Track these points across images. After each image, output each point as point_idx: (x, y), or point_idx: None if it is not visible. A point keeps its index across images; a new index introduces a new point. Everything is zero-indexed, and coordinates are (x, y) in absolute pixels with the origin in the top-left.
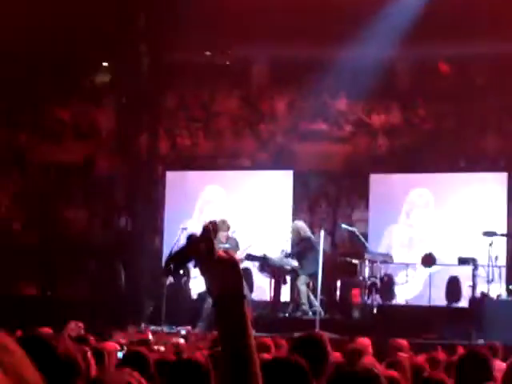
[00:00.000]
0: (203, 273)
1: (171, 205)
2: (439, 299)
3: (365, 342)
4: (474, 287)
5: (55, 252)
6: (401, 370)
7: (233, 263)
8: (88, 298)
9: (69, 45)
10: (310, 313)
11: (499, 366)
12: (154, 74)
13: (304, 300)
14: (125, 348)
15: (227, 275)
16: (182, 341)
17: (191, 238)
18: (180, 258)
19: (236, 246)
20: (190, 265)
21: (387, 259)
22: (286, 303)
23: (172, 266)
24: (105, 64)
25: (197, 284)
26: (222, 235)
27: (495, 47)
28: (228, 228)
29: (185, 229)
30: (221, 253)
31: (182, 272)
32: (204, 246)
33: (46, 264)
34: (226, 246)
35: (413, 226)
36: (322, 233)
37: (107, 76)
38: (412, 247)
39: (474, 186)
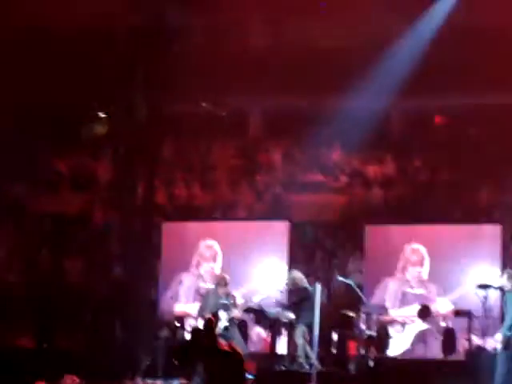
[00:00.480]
0: (207, 367)
1: (168, 255)
2: (432, 353)
3: None
4: (470, 340)
5: (51, 303)
6: None
7: (237, 357)
8: (84, 350)
9: (66, 96)
10: (307, 366)
11: None
12: (150, 124)
13: (300, 353)
14: None
15: (230, 370)
16: None
17: (194, 334)
18: (184, 354)
19: (234, 302)
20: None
21: (382, 312)
22: (282, 356)
23: (177, 362)
24: (102, 115)
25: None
26: (221, 291)
27: (491, 99)
28: (226, 284)
29: (181, 283)
30: (224, 347)
31: (177, 324)
32: (208, 342)
33: (42, 315)
34: (225, 302)
35: (409, 281)
36: (318, 284)
37: (105, 127)
38: (406, 302)
39: (469, 237)
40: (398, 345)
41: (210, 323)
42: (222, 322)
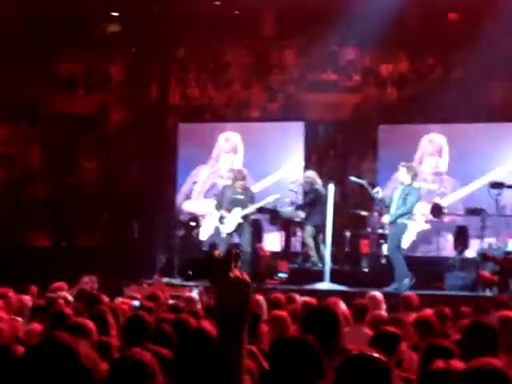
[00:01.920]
0: (215, 288)
1: (184, 154)
2: (445, 250)
3: (377, 296)
4: (482, 238)
5: (68, 203)
6: (402, 326)
7: (245, 285)
8: (101, 249)
9: None
10: (320, 264)
11: None
12: (163, 24)
13: (312, 252)
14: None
15: (237, 295)
16: (194, 294)
17: (214, 259)
18: (198, 270)
19: (251, 197)
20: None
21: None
22: (295, 253)
23: (190, 273)
24: (115, 14)
25: (207, 234)
26: (238, 185)
27: None
28: (243, 178)
29: (195, 183)
30: (236, 273)
31: (193, 223)
32: (222, 266)
33: (60, 215)
34: (241, 197)
35: (422, 172)
36: (331, 184)
37: (117, 26)
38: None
39: (481, 135)
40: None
41: (231, 255)
42: (236, 218)
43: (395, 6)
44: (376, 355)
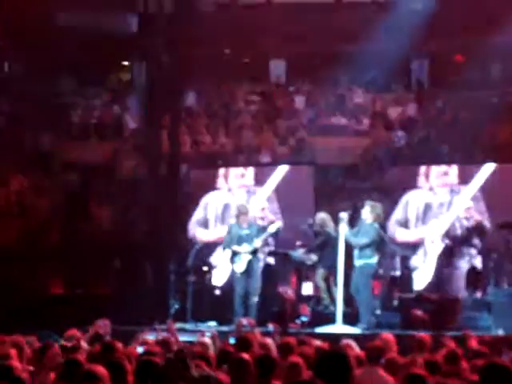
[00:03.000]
0: None
1: (197, 202)
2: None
3: (389, 337)
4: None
5: (82, 250)
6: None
7: (208, 379)
8: (115, 295)
9: (90, 46)
10: (332, 307)
11: None
12: (174, 72)
13: (324, 294)
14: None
15: None
16: (207, 339)
17: (168, 360)
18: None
19: (257, 231)
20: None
21: (407, 253)
22: (308, 297)
23: None
24: (125, 63)
25: (220, 280)
26: (242, 220)
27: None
28: (247, 212)
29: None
30: (197, 371)
31: (205, 269)
32: (181, 366)
33: (74, 262)
34: (247, 232)
35: (432, 189)
36: (343, 225)
37: (128, 75)
38: (428, 215)
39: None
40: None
41: (182, 355)
42: (246, 255)
43: (403, 49)
44: None
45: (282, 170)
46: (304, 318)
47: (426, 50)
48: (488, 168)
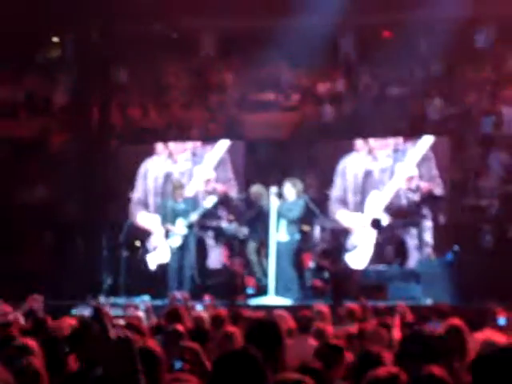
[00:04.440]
0: (98, 354)
1: (127, 177)
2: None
3: (321, 308)
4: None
5: (13, 227)
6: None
7: (127, 343)
8: (48, 271)
9: (19, 20)
10: (264, 279)
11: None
12: (104, 48)
13: (256, 268)
14: None
15: (122, 355)
16: (141, 313)
17: (82, 322)
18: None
19: (192, 205)
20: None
21: (336, 225)
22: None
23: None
24: (55, 39)
25: (155, 256)
26: (177, 194)
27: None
28: (182, 187)
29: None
30: (115, 333)
31: (138, 244)
32: (97, 328)
33: (4, 238)
34: (182, 206)
35: (372, 151)
36: (273, 199)
37: (58, 51)
38: (368, 184)
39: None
40: (353, 257)
41: (99, 312)
42: (181, 230)
43: (330, 25)
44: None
45: (222, 144)
46: (250, 290)
47: (354, 26)
48: (427, 140)
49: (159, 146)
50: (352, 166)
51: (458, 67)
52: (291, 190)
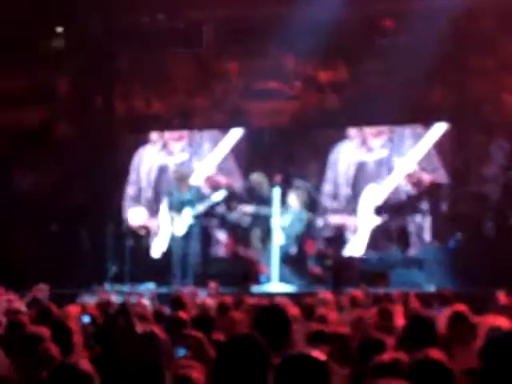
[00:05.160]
0: (123, 348)
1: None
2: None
3: (326, 295)
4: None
5: (19, 214)
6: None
7: (152, 338)
8: (52, 259)
9: (22, 10)
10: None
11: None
12: (107, 37)
13: (262, 256)
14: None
15: (147, 350)
16: (145, 300)
17: (108, 316)
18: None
19: (198, 195)
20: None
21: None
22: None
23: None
24: (59, 29)
25: (160, 244)
26: (183, 184)
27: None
28: (188, 177)
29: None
30: (141, 327)
31: (142, 232)
32: (123, 322)
33: (9, 226)
34: (188, 196)
35: (366, 142)
36: (277, 188)
37: (62, 41)
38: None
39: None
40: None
41: (126, 307)
42: (187, 219)
43: (332, 14)
44: (313, 353)
45: (234, 134)
46: (263, 278)
47: (356, 14)
48: (439, 128)
49: (153, 135)
50: (343, 157)
51: (460, 55)
52: (295, 200)
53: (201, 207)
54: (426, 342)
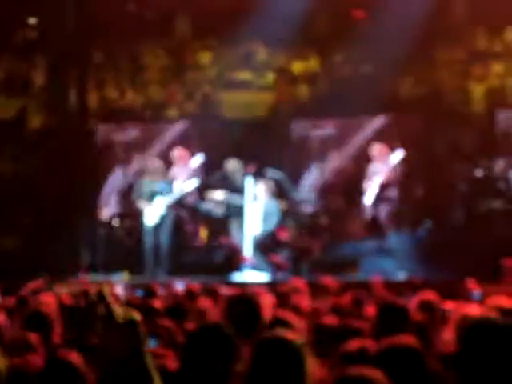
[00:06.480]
0: (104, 334)
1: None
2: None
3: (299, 283)
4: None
5: None
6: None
7: (133, 324)
8: (26, 249)
9: None
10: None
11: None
12: (81, 29)
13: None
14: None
15: (127, 337)
16: (119, 290)
17: (88, 303)
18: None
19: (169, 188)
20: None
21: (310, 203)
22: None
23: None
24: (32, 20)
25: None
26: (155, 175)
27: None
28: (158, 168)
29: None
30: (121, 313)
31: (115, 222)
32: (103, 310)
33: None
34: (161, 185)
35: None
36: (249, 178)
37: (35, 32)
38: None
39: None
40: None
41: (104, 293)
42: (159, 209)
43: (303, 4)
44: (289, 336)
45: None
46: (246, 267)
47: (327, 5)
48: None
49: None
50: None
51: (430, 46)
52: (264, 192)
53: (172, 197)
54: (398, 330)
